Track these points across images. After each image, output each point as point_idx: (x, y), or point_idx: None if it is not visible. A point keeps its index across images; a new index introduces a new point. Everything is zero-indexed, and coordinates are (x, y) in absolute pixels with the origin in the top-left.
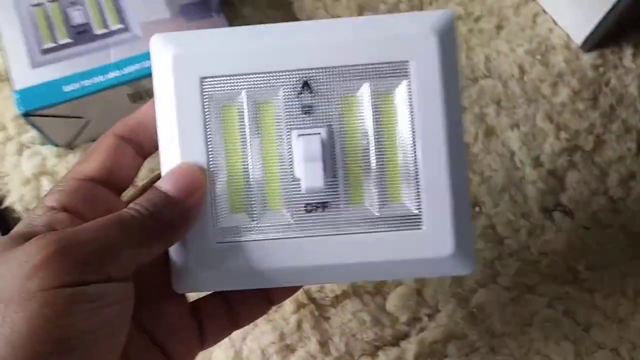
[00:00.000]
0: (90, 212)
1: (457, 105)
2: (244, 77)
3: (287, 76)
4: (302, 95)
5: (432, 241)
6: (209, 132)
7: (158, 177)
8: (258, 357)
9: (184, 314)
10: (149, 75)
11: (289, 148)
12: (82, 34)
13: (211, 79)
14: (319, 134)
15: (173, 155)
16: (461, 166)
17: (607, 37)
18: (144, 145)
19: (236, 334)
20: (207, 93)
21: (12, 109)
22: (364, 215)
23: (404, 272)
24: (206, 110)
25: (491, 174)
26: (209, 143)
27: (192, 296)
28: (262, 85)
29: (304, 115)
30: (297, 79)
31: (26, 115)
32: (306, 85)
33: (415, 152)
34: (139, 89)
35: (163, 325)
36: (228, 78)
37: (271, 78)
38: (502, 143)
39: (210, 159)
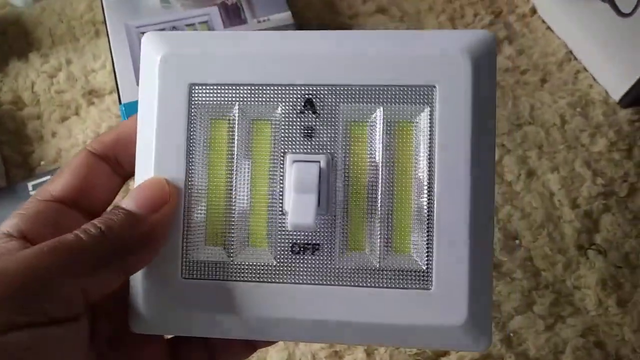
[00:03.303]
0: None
1: (489, 142)
2: (239, 88)
3: (289, 91)
4: (304, 115)
5: (440, 306)
6: (192, 147)
7: None
8: None
9: (160, 356)
10: None
11: (282, 175)
12: None
13: (201, 87)
14: (318, 162)
15: (147, 169)
16: (486, 216)
17: None
18: (124, 164)
19: None
20: (195, 102)
21: (108, 121)
22: (362, 265)
23: (402, 339)
24: (192, 121)
25: (531, 211)
26: (190, 160)
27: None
28: (259, 100)
29: (303, 139)
30: (300, 95)
31: None
32: (309, 103)
33: (431, 194)
34: None
35: None
36: (220, 87)
37: (270, 92)
38: (543, 184)
39: (189, 178)
